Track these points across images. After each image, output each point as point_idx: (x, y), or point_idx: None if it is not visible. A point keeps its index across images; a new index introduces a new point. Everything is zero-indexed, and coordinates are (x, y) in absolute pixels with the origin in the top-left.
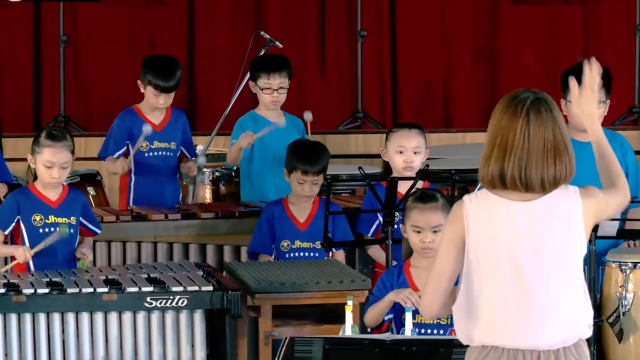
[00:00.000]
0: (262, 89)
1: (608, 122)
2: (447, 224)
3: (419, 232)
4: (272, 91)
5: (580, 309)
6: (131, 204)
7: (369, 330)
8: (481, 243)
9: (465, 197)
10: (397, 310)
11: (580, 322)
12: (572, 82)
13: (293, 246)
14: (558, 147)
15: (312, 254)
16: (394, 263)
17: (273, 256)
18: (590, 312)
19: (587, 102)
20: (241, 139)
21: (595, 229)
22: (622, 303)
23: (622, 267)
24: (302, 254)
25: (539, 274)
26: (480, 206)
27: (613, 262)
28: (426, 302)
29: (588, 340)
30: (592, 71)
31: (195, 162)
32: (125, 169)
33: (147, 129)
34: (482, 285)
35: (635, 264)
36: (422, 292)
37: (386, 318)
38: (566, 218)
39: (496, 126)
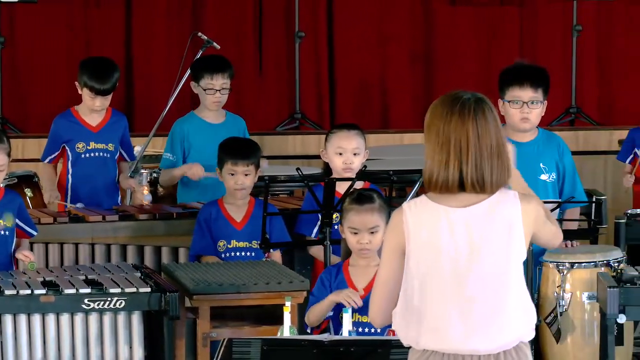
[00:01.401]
0: (204, 90)
1: (545, 123)
2: (387, 232)
3: (355, 233)
4: (214, 92)
5: (521, 312)
6: (68, 205)
7: (308, 330)
8: (422, 249)
9: (405, 205)
10: (338, 310)
11: (521, 326)
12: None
13: (229, 246)
14: (500, 147)
15: (248, 254)
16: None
17: None
18: (532, 315)
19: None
20: (194, 170)
21: None
22: (559, 303)
23: (560, 268)
24: (238, 253)
25: (479, 278)
26: (419, 213)
27: (550, 262)
28: (375, 310)
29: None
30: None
31: (136, 179)
32: (47, 200)
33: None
34: (423, 291)
35: (572, 264)
36: (370, 300)
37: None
38: (506, 222)
39: (444, 129)
